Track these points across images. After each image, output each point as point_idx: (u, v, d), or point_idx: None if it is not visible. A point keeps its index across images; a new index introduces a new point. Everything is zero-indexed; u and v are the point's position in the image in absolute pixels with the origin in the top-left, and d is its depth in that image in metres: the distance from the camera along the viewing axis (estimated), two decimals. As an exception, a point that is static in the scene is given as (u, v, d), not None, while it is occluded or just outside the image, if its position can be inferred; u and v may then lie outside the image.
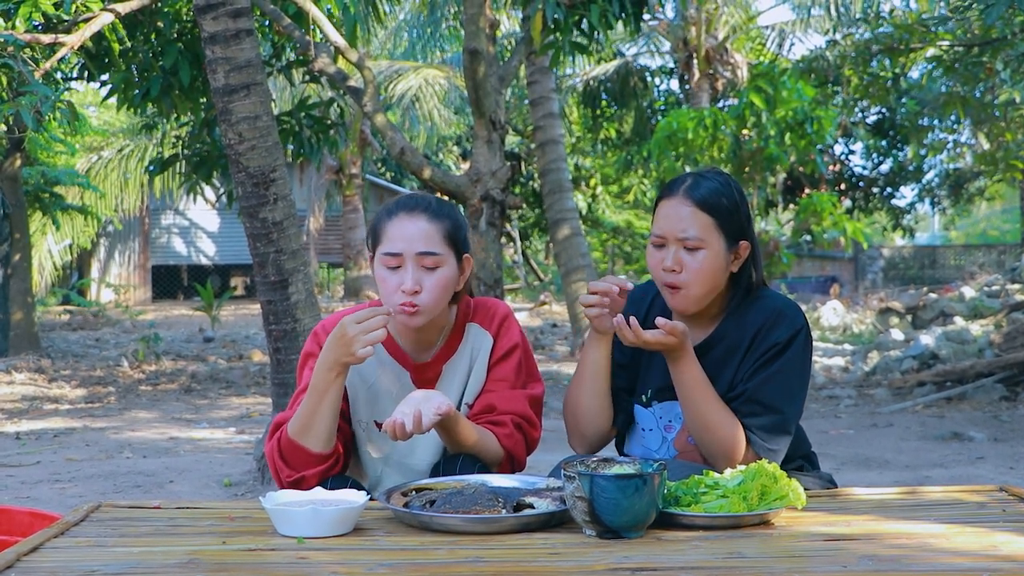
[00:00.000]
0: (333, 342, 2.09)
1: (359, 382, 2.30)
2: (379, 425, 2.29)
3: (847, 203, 24.62)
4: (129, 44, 7.49)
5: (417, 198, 2.25)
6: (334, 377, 2.10)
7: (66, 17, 6.52)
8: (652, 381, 2.33)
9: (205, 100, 7.94)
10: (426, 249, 2.18)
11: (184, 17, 7.59)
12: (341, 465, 2.24)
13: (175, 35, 7.55)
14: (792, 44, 22.41)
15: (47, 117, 5.86)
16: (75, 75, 8.18)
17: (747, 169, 13.60)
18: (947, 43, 10.82)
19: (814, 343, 13.14)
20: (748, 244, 2.26)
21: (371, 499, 1.96)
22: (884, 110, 22.79)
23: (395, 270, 2.19)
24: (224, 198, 9.85)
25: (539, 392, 2.34)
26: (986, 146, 18.83)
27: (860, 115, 23.40)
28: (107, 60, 7.42)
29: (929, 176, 25.46)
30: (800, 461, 2.38)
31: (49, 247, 21.31)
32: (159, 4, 7.23)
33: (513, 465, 2.30)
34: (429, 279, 2.18)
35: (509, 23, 18.75)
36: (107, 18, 6.35)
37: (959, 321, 11.89)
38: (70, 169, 17.59)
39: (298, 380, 2.32)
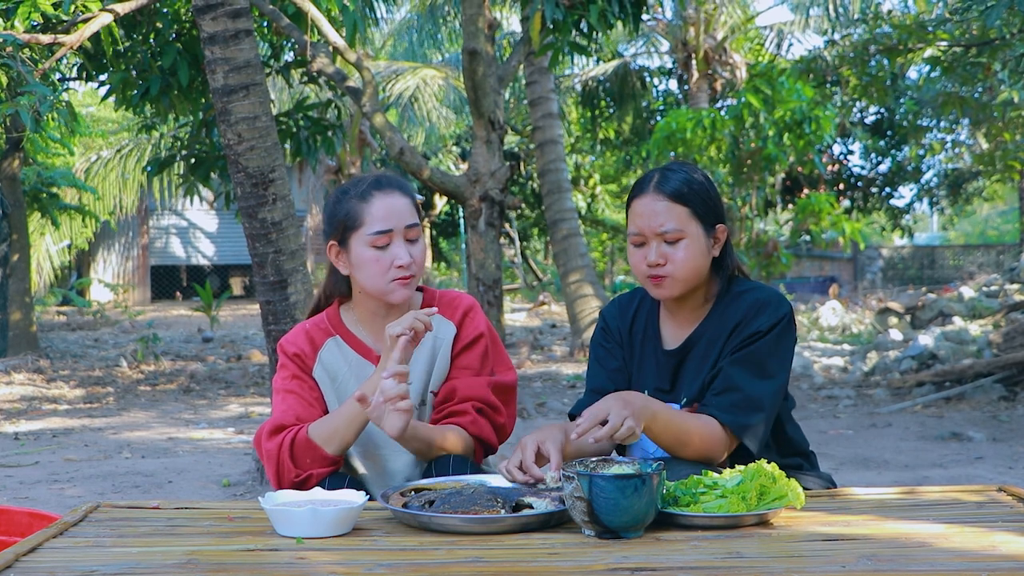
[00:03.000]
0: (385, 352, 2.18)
1: (327, 381, 2.32)
2: None
3: (846, 203, 24.61)
4: (128, 44, 7.49)
5: (383, 178, 2.31)
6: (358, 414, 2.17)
7: (65, 17, 6.52)
8: (648, 382, 2.34)
9: (204, 100, 7.95)
10: (411, 222, 2.27)
11: (183, 17, 7.59)
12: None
13: (174, 35, 7.56)
14: (791, 44, 22.40)
15: (45, 117, 5.86)
16: (73, 75, 8.18)
17: (745, 169, 13.60)
18: (945, 43, 10.82)
19: (813, 343, 13.21)
20: (725, 227, 2.30)
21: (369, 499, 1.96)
22: (883, 110, 22.79)
23: (383, 249, 2.24)
24: (222, 198, 9.85)
25: (508, 380, 2.36)
26: (984, 146, 18.84)
27: (859, 115, 23.41)
28: (105, 60, 7.42)
29: (928, 176, 25.46)
30: (799, 460, 2.38)
31: (48, 247, 21.30)
32: (158, 4, 7.23)
33: (486, 451, 2.32)
34: (416, 250, 2.27)
35: (508, 23, 18.75)
36: (106, 18, 6.35)
37: (958, 321, 11.89)
38: (66, 170, 17.56)
39: (274, 391, 2.34)
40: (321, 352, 2.33)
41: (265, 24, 7.97)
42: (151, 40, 7.57)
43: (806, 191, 21.66)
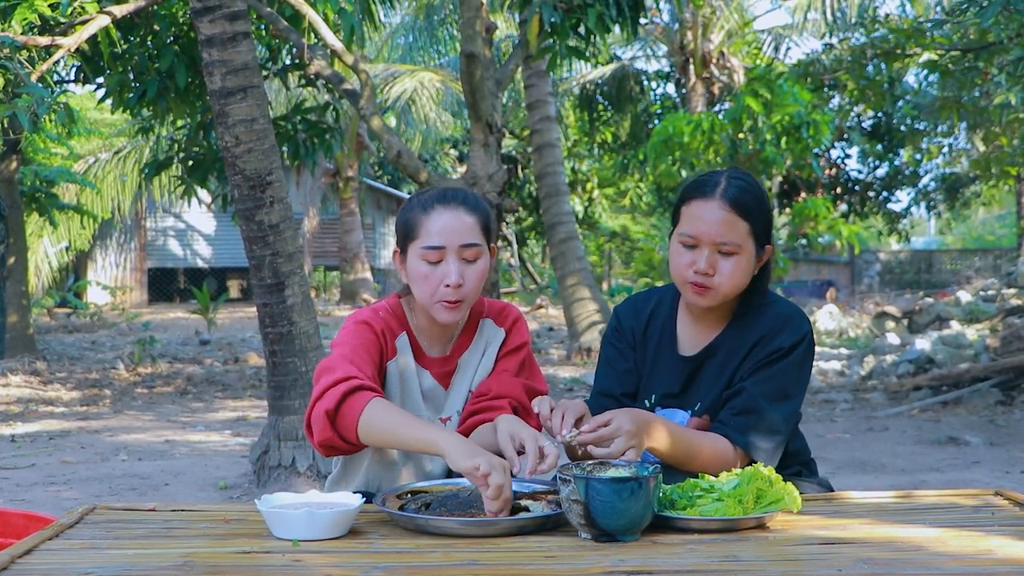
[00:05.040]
0: (484, 458, 1.88)
1: (398, 375, 2.29)
2: None
3: (843, 207, 24.64)
4: (125, 47, 7.49)
5: (451, 191, 2.25)
6: (436, 453, 1.97)
7: (63, 19, 6.52)
8: (657, 387, 2.32)
9: (201, 103, 7.95)
10: (468, 241, 2.19)
11: (180, 20, 7.59)
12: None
13: (171, 38, 7.56)
14: (788, 48, 22.43)
15: (43, 119, 5.86)
16: (71, 77, 8.18)
17: (743, 173, 13.59)
18: (943, 48, 10.84)
19: (810, 347, 13.19)
20: (771, 248, 2.26)
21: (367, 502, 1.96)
22: (880, 114, 22.82)
23: (435, 264, 2.18)
24: (220, 201, 9.85)
25: (542, 388, 2.34)
26: (982, 149, 18.85)
27: (856, 119, 23.43)
28: (103, 63, 7.42)
29: (925, 180, 25.50)
30: (798, 467, 2.37)
31: (46, 249, 21.28)
32: (156, 7, 7.23)
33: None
34: (470, 271, 2.20)
35: (506, 26, 18.77)
36: (104, 20, 6.35)
37: (955, 325, 11.90)
38: (64, 168, 17.53)
39: (342, 344, 2.20)
40: (398, 341, 2.28)
41: (263, 27, 7.98)
42: (149, 42, 7.57)
43: (803, 195, 21.68)
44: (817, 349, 12.99)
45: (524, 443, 1.95)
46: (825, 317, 15.40)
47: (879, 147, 23.96)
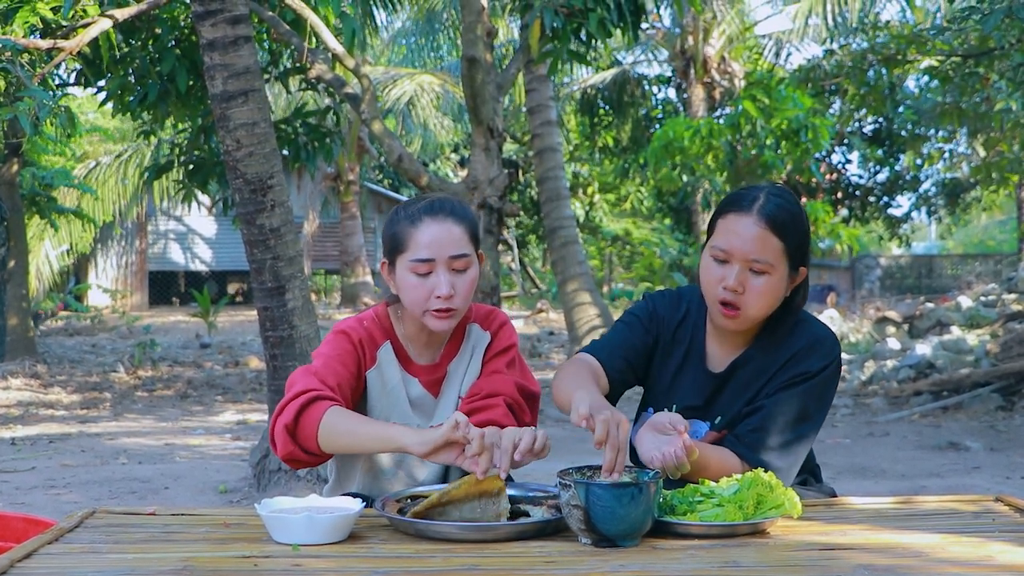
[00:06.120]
0: (443, 446, 1.92)
1: (380, 385, 2.29)
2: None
3: (843, 212, 24.64)
4: (126, 50, 7.49)
5: (437, 202, 2.24)
6: (397, 448, 2.00)
7: (64, 22, 6.53)
8: (680, 398, 2.28)
9: (202, 106, 7.96)
10: (457, 252, 2.18)
11: (182, 23, 7.60)
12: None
13: (173, 41, 7.56)
14: (789, 53, 22.43)
15: (44, 122, 5.87)
16: (72, 81, 8.19)
17: (744, 180, 13.61)
18: (944, 53, 10.85)
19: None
20: (806, 271, 2.22)
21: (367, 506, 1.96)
22: (881, 120, 22.82)
23: (425, 276, 2.18)
24: (221, 204, 9.86)
25: (533, 388, 2.31)
26: (983, 155, 18.86)
27: (857, 124, 23.43)
28: (104, 66, 7.43)
29: (926, 185, 25.49)
30: (804, 475, 2.35)
31: (47, 253, 21.28)
32: (157, 11, 7.24)
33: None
34: (460, 281, 2.19)
35: (507, 31, 18.79)
36: (105, 24, 6.35)
37: (956, 331, 11.89)
38: (63, 169, 17.50)
39: (318, 355, 2.23)
40: (380, 351, 2.28)
41: (264, 30, 7.98)
42: (150, 46, 7.57)
43: (804, 200, 21.68)
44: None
45: (502, 437, 1.92)
46: (826, 322, 15.38)
47: (880, 152, 23.95)
